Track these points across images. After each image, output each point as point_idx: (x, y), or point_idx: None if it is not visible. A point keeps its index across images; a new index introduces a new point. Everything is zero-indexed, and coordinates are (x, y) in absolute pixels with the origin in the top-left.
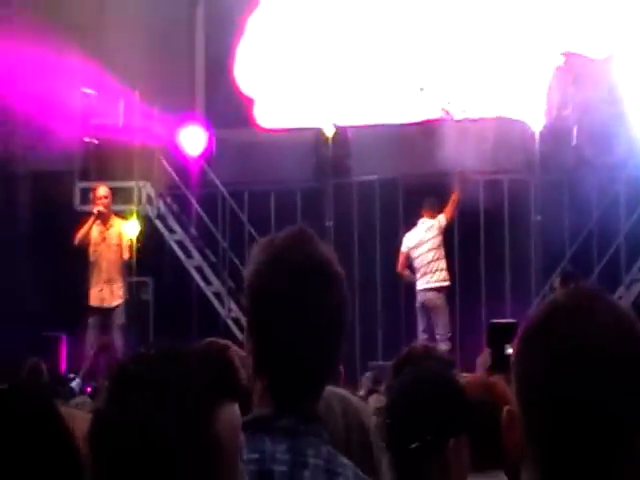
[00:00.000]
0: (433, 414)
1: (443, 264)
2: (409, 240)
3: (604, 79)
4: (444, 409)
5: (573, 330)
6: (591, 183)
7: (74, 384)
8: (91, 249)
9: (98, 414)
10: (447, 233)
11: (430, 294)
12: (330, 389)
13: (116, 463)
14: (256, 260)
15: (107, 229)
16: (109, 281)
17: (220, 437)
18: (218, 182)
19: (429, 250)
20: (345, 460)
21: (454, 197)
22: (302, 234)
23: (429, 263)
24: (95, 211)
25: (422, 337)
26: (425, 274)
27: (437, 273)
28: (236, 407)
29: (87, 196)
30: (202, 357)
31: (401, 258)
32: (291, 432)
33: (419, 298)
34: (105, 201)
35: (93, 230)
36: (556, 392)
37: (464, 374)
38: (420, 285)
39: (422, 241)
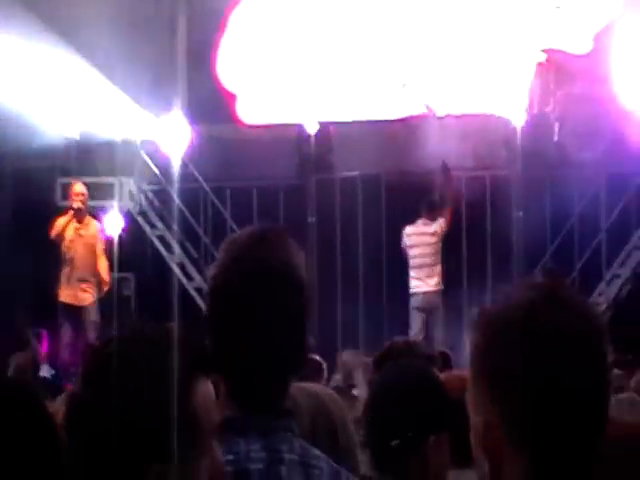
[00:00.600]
0: (414, 410)
1: (440, 268)
2: (406, 236)
3: (586, 75)
4: (425, 406)
5: (551, 321)
6: (572, 179)
7: (44, 371)
8: (65, 245)
9: (74, 398)
10: None
11: (432, 296)
12: (308, 387)
13: (93, 446)
14: (217, 259)
15: (83, 227)
16: (82, 279)
17: (197, 414)
18: (200, 178)
19: (431, 254)
20: (317, 452)
21: (450, 200)
22: (262, 235)
23: (431, 266)
24: (75, 206)
25: (418, 338)
26: (428, 277)
27: (436, 277)
28: (210, 383)
29: (68, 192)
30: (175, 336)
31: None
32: (263, 430)
33: (417, 300)
34: (82, 198)
35: (68, 229)
36: (539, 382)
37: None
38: (420, 288)
39: (424, 243)
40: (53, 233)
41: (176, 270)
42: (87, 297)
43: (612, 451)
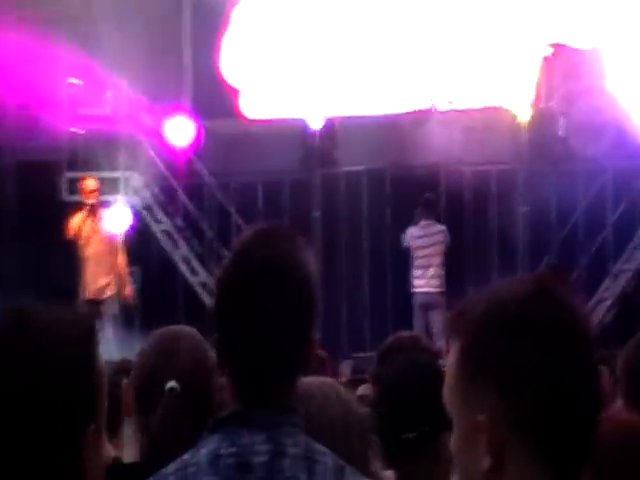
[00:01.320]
0: (430, 404)
1: (443, 269)
2: (412, 238)
3: (592, 70)
4: (439, 400)
5: (547, 313)
6: (578, 174)
7: None
8: (82, 242)
9: None
10: None
11: (436, 297)
12: (321, 379)
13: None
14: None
15: (98, 221)
16: (102, 273)
17: (99, 384)
18: (205, 172)
19: (436, 255)
20: (323, 448)
21: None
22: (269, 232)
23: (436, 267)
24: (89, 203)
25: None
26: (432, 277)
27: (439, 278)
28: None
29: (74, 186)
30: (72, 312)
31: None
32: (268, 423)
33: (421, 299)
34: (96, 194)
35: (84, 225)
36: (552, 381)
37: None
38: (424, 287)
39: (430, 243)
40: (71, 233)
41: (181, 265)
42: (107, 290)
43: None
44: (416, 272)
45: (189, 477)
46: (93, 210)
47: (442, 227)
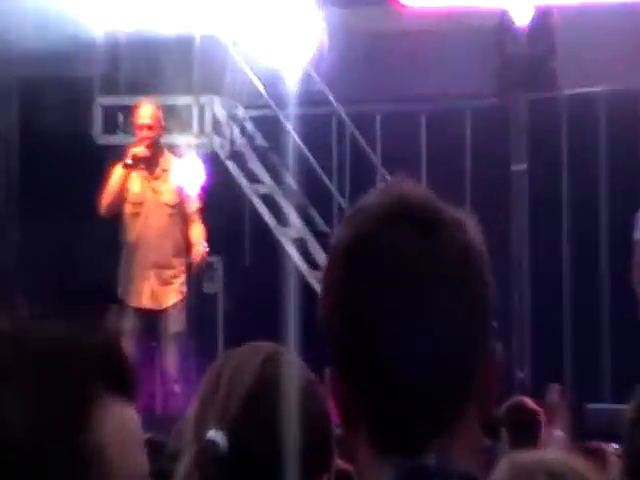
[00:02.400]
0: None
1: None
2: None
3: None
4: None
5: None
6: None
7: None
8: (128, 216)
9: None
10: None
11: None
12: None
13: None
14: (344, 238)
15: (156, 180)
16: (160, 267)
17: (102, 448)
18: (332, 98)
19: None
20: None
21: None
22: (424, 211)
23: None
24: (128, 160)
25: None
26: None
27: None
28: (131, 409)
29: (115, 120)
30: (77, 339)
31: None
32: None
33: None
34: (156, 131)
35: (132, 183)
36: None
37: None
38: None
39: None
40: (103, 209)
41: (291, 252)
42: (168, 295)
43: None
44: None
45: None
46: (147, 161)
47: None
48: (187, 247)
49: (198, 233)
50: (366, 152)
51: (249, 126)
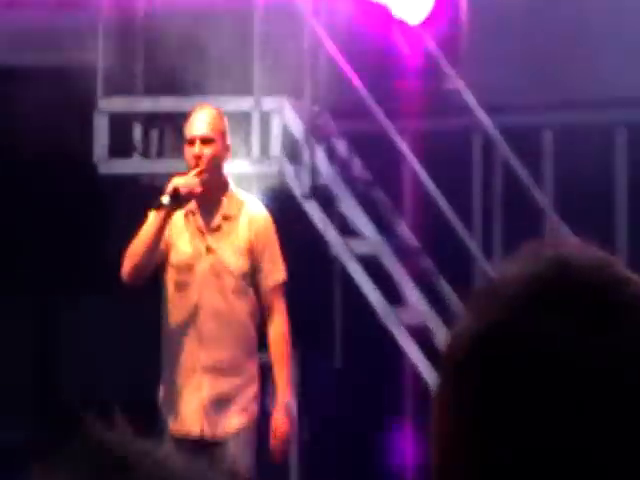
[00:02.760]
0: None
1: None
2: None
3: None
4: None
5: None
6: None
7: None
8: (169, 287)
9: None
10: None
11: None
12: None
13: None
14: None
15: (216, 232)
16: (218, 371)
17: None
18: (471, 100)
19: None
20: None
21: None
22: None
23: None
24: (164, 200)
25: None
26: None
27: None
28: None
29: (128, 135)
30: None
31: None
32: None
33: None
34: (209, 153)
35: (175, 237)
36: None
37: None
38: None
39: None
40: (125, 275)
41: (410, 349)
42: (230, 420)
43: None
44: None
45: None
46: (204, 199)
47: None
48: (260, 340)
49: (280, 333)
50: (527, 186)
51: (341, 146)
